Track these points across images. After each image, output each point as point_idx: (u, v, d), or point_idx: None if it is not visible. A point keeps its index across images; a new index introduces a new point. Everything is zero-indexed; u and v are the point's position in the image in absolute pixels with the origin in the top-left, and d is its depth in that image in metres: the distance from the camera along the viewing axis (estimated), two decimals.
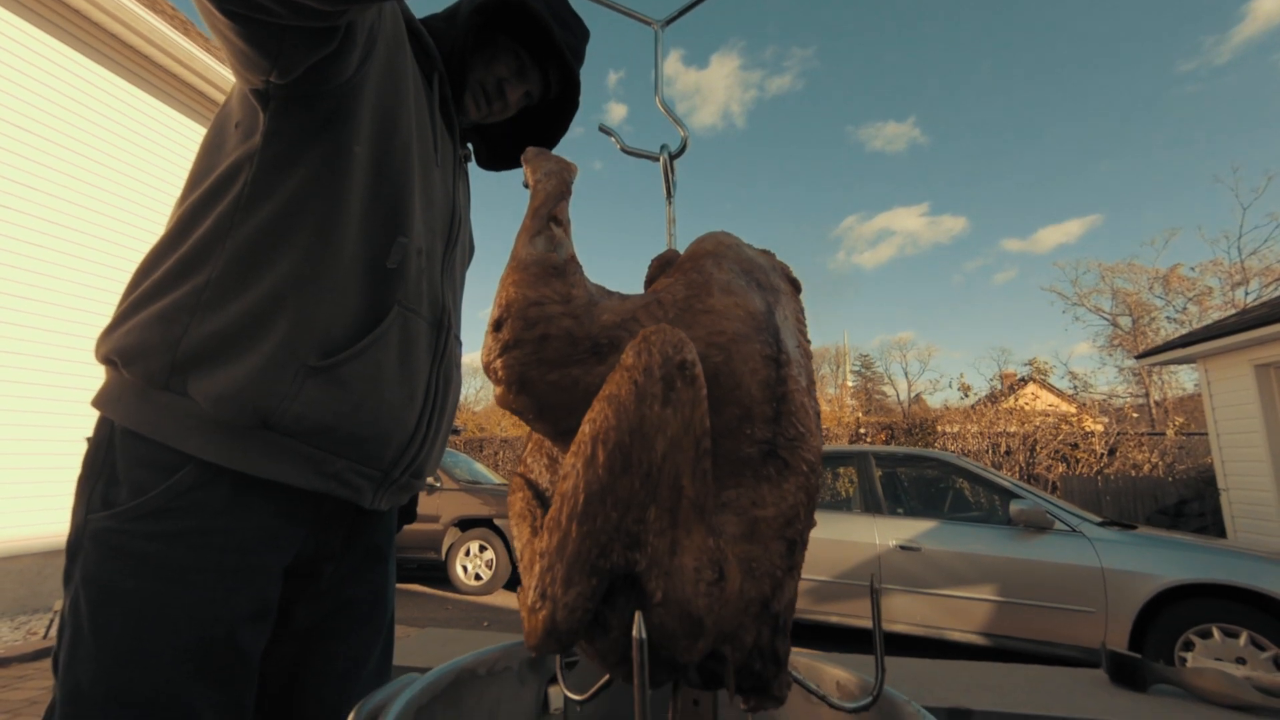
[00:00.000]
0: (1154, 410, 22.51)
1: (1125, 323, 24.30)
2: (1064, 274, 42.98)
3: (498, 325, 0.41)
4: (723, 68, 65.31)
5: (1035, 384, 20.37)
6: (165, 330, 0.66)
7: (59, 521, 4.42)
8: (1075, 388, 21.01)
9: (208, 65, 5.48)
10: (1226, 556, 3.42)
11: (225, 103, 0.78)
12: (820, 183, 61.87)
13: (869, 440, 13.13)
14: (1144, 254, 42.82)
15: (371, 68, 0.75)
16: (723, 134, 65.66)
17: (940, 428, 12.57)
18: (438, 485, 6.47)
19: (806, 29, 67.81)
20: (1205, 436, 8.86)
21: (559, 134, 1.12)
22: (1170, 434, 11.20)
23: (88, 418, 0.70)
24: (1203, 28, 43.05)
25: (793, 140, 64.68)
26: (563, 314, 0.41)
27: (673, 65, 60.91)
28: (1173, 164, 44.07)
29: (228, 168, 0.71)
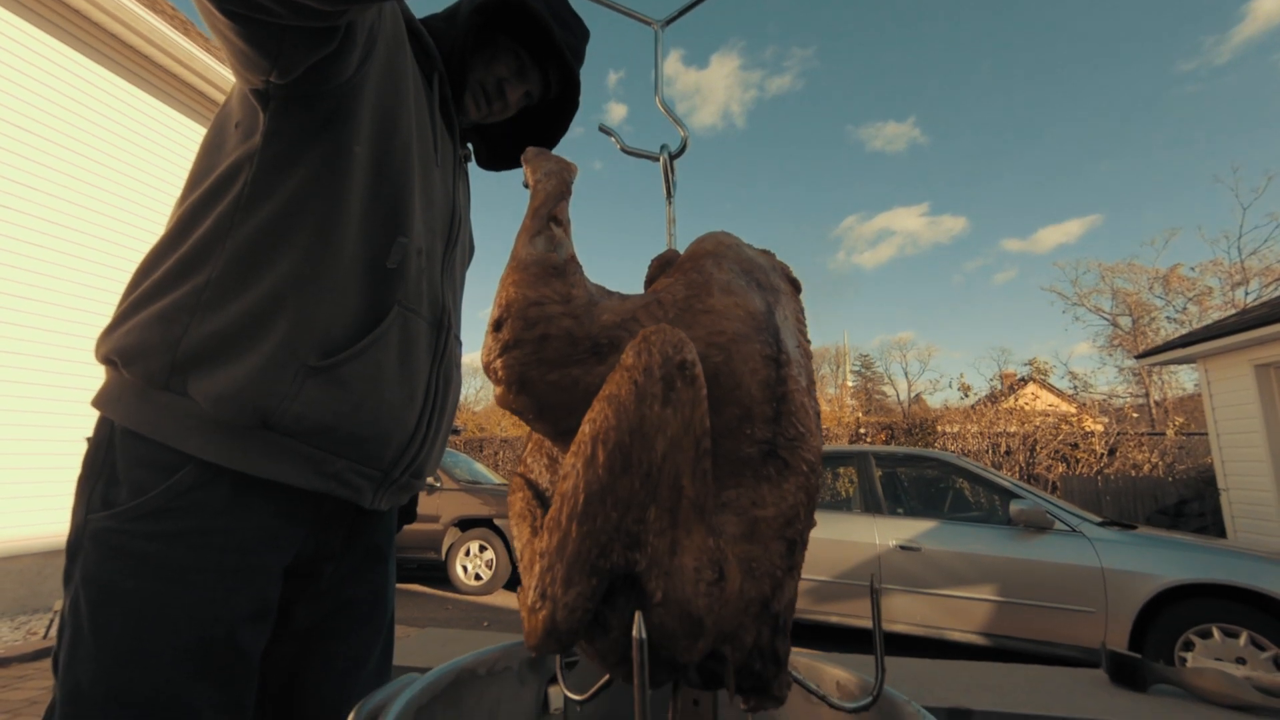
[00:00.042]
0: (1154, 410, 22.52)
1: (1125, 323, 24.32)
2: (1064, 274, 43.05)
3: (498, 325, 0.41)
4: (723, 68, 65.39)
5: (1035, 384, 20.37)
6: (165, 330, 0.66)
7: (59, 522, 4.43)
8: (1075, 388, 21.03)
9: (207, 65, 5.48)
10: (1226, 556, 3.42)
11: (225, 103, 0.78)
12: (820, 183, 61.95)
13: (869, 440, 13.13)
14: (1144, 254, 42.90)
15: (371, 68, 0.75)
16: (723, 134, 65.74)
17: (940, 428, 12.57)
18: (438, 485, 6.47)
19: (806, 29, 67.90)
20: (1205, 436, 8.86)
21: (559, 134, 1.12)
22: (1170, 434, 11.20)
23: (88, 418, 0.70)
24: (1203, 27, 43.13)
25: (793, 140, 64.78)
26: (563, 314, 0.41)
27: (673, 65, 60.95)
28: (1173, 164, 44.14)
29: (228, 168, 0.71)
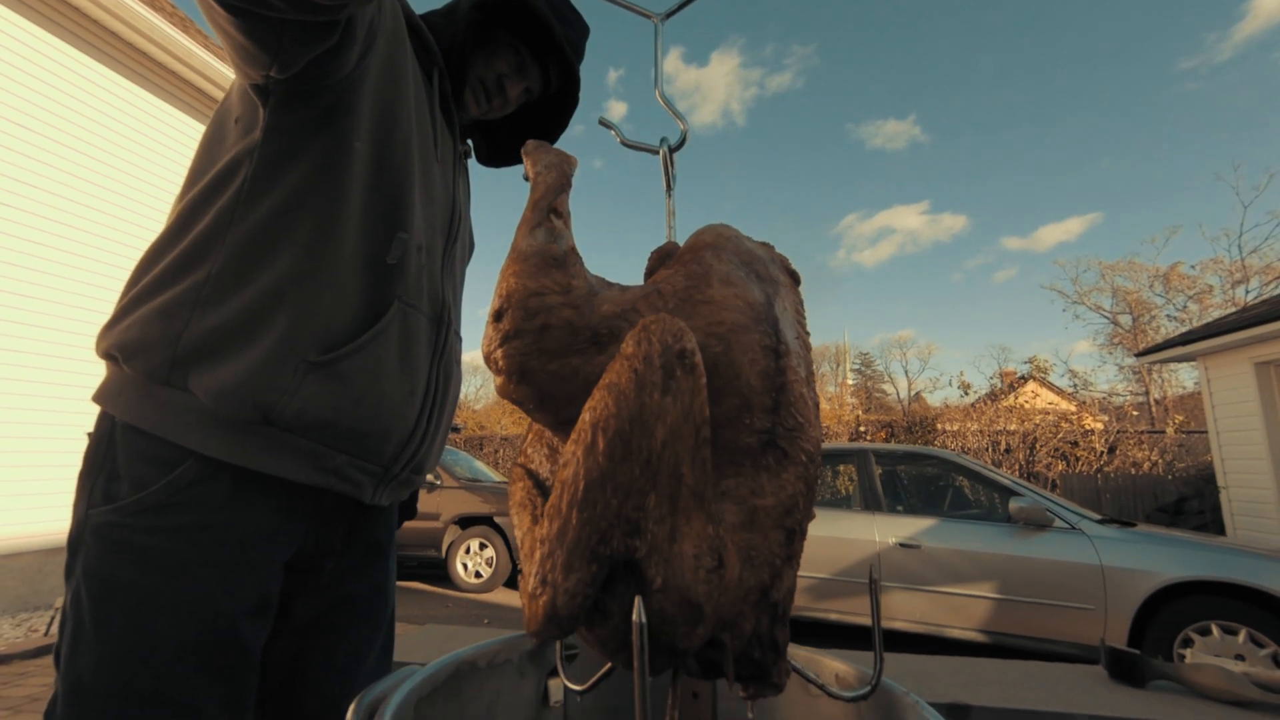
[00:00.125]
0: (1154, 408, 22.53)
1: (1125, 321, 24.31)
2: (1064, 272, 43.01)
3: (498, 316, 0.41)
4: (723, 66, 65.30)
5: (1035, 382, 20.36)
6: (166, 325, 0.66)
7: (60, 519, 4.43)
8: (1075, 386, 21.08)
9: (207, 62, 5.48)
10: (1226, 554, 3.42)
11: (225, 98, 0.78)
12: (820, 181, 61.91)
13: (869, 438, 13.14)
14: (1144, 252, 43.01)
15: (371, 63, 0.75)
16: (723, 132, 65.69)
17: (940, 426, 12.57)
18: (438, 483, 6.47)
19: (807, 27, 67.79)
20: (1205, 434, 8.86)
21: (559, 130, 1.12)
22: (1170, 432, 11.20)
23: (88, 415, 0.70)
24: (1204, 25, 43.07)
25: (793, 138, 64.72)
26: (563, 304, 0.42)
27: (673, 63, 60.86)
28: (1173, 162, 44.13)
29: (228, 163, 0.71)
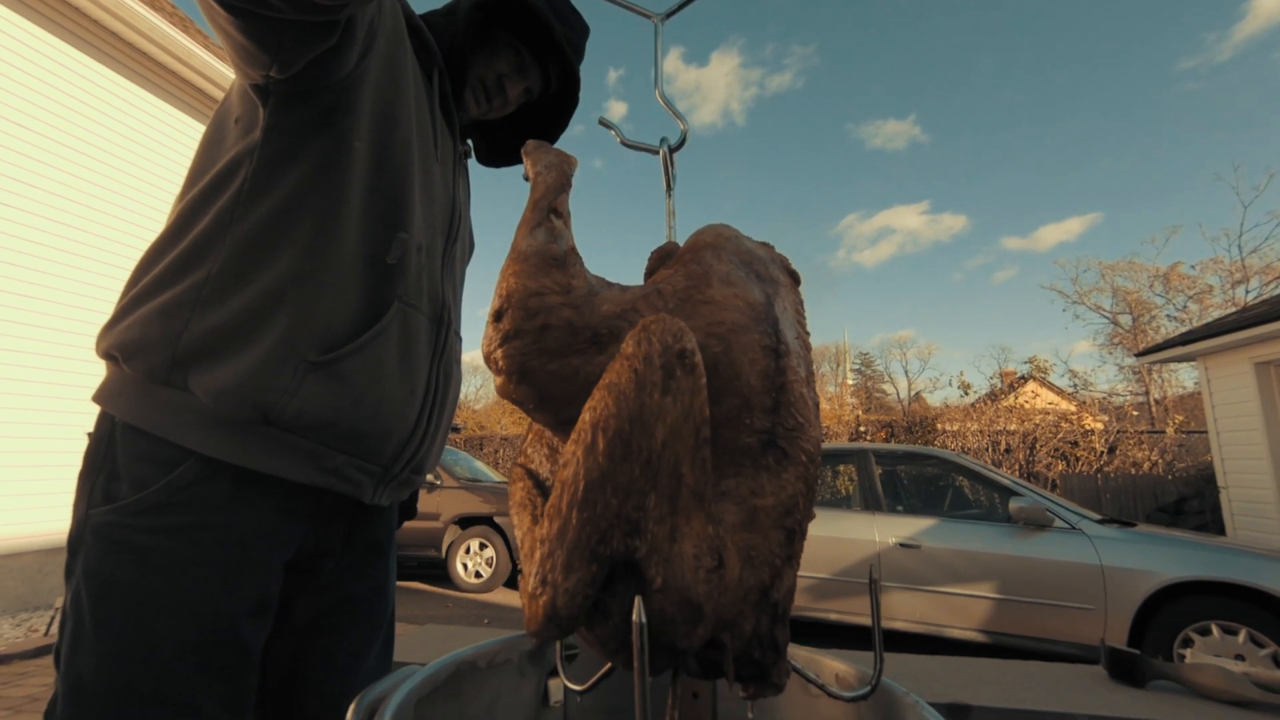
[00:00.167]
0: (1154, 408, 22.53)
1: (1125, 321, 24.31)
2: (1064, 272, 42.99)
3: (498, 315, 0.41)
4: (723, 66, 65.30)
5: (1035, 382, 20.36)
6: (166, 325, 0.66)
7: (60, 519, 4.43)
8: (1075, 386, 21.08)
9: (207, 62, 5.48)
10: (1226, 554, 3.42)
11: (225, 98, 0.78)
12: (820, 181, 61.91)
13: (869, 438, 13.14)
14: (1144, 252, 43.02)
15: (371, 63, 0.75)
16: (723, 132, 65.69)
17: (940, 426, 12.56)
18: (438, 483, 6.47)
19: (807, 26, 67.78)
20: (1205, 434, 8.86)
21: (559, 130, 1.12)
22: (1170, 432, 11.19)
23: (88, 415, 0.70)
24: (1204, 25, 43.06)
25: (793, 138, 64.72)
26: (563, 304, 0.42)
27: (673, 63, 60.87)
28: (1174, 161, 44.12)
29: (228, 163, 0.71)
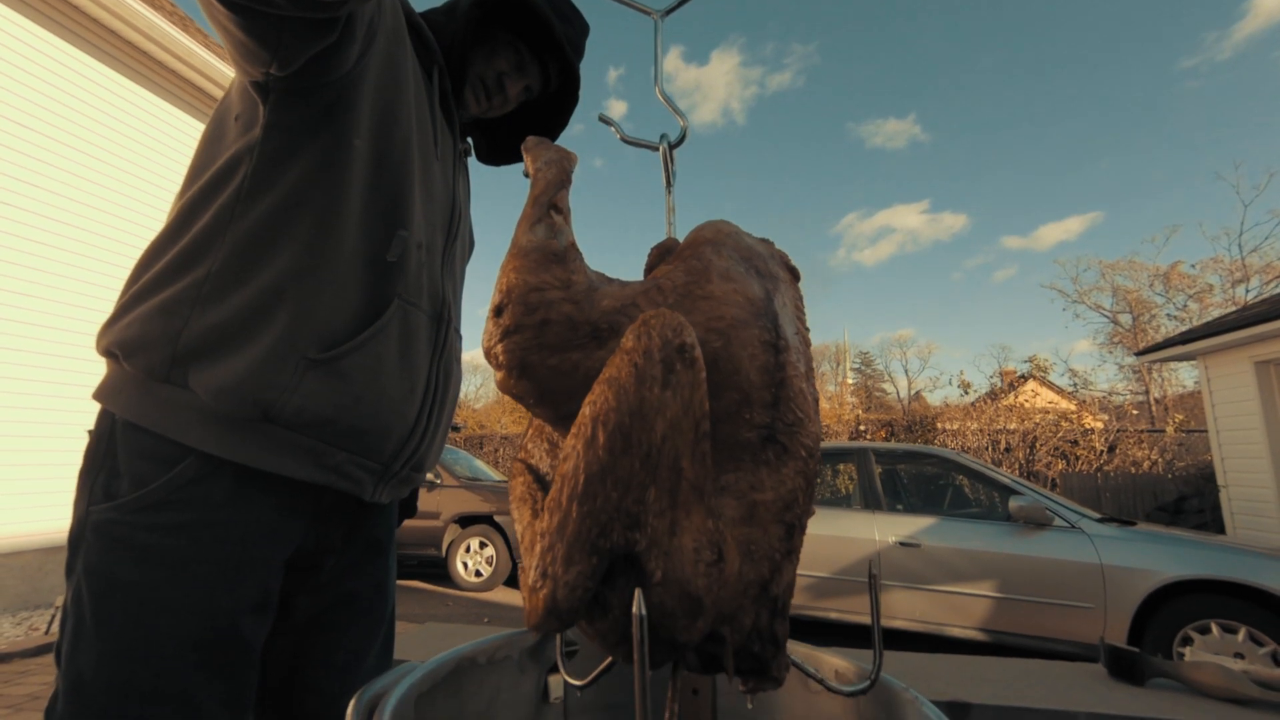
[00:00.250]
0: (1154, 407, 22.53)
1: (1125, 320, 24.31)
2: (1064, 271, 43.08)
3: (499, 310, 0.41)
4: (723, 64, 65.26)
5: (1035, 381, 20.35)
6: (166, 323, 0.66)
7: (60, 518, 4.43)
8: (1075, 385, 21.07)
9: (207, 61, 5.47)
10: (1225, 552, 3.42)
11: (225, 96, 0.78)
12: (820, 179, 61.87)
13: (869, 437, 13.14)
14: (1145, 251, 43.02)
15: (371, 60, 0.75)
16: (723, 131, 65.66)
17: (940, 425, 12.56)
18: (438, 482, 6.47)
19: (807, 25, 67.70)
20: (1205, 433, 8.85)
21: (559, 128, 1.12)
22: (1170, 431, 11.19)
23: (89, 414, 0.70)
24: (1204, 24, 43.02)
25: (793, 137, 64.68)
26: (563, 299, 0.42)
27: (673, 62, 60.83)
28: (1174, 161, 44.09)
29: (227, 160, 0.71)
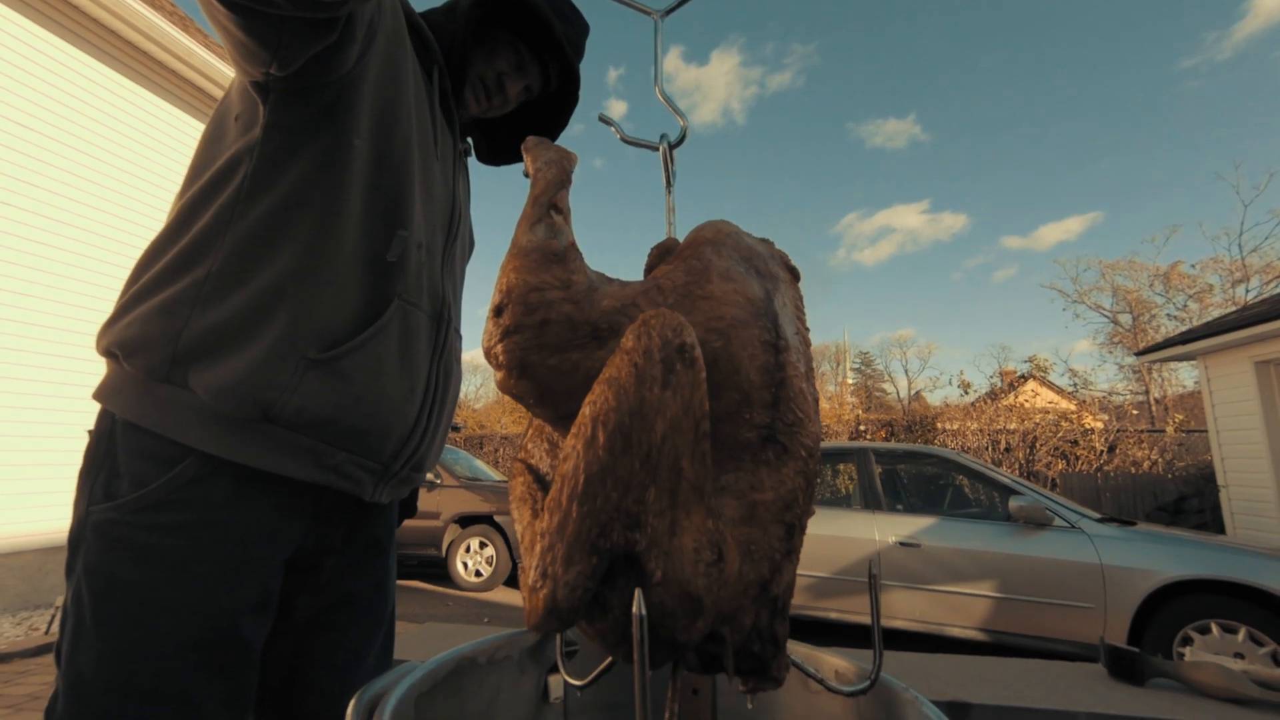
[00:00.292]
0: (1154, 407, 22.53)
1: (1125, 320, 24.30)
2: (1064, 271, 43.07)
3: (499, 310, 0.41)
4: (723, 64, 65.25)
5: (1035, 381, 20.34)
6: (166, 323, 0.66)
7: (61, 517, 4.43)
8: (1075, 385, 21.07)
9: (207, 61, 5.47)
10: (1225, 552, 3.42)
11: (225, 96, 0.78)
12: (820, 179, 61.87)
13: (869, 437, 13.14)
14: (1145, 251, 43.04)
15: (371, 60, 0.75)
16: (723, 131, 65.65)
17: (940, 425, 12.56)
18: (438, 482, 6.47)
19: (807, 25, 67.68)
20: (1205, 433, 8.85)
21: (559, 128, 1.12)
22: (1170, 431, 11.19)
23: (89, 414, 0.70)
24: (1204, 24, 43.01)
25: (793, 137, 64.68)
26: (563, 299, 0.42)
27: (673, 62, 60.83)
28: (1174, 161, 44.08)
29: (227, 160, 0.71)
